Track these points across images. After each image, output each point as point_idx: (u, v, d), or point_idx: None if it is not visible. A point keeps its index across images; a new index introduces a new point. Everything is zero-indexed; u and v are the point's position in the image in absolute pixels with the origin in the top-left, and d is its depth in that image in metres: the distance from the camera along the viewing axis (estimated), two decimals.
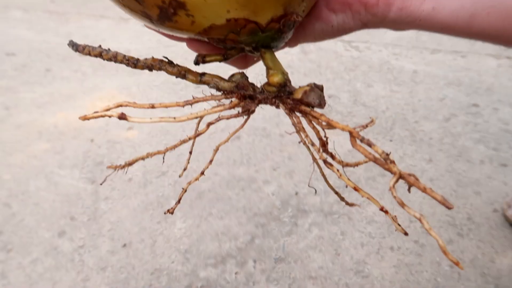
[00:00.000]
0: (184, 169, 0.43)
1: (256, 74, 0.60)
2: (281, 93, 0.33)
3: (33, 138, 1.14)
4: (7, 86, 1.40)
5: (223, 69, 0.38)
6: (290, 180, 0.98)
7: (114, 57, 0.34)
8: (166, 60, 0.33)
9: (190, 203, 0.91)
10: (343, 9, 0.33)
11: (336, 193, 0.38)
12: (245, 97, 0.34)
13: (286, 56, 1.61)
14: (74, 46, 0.35)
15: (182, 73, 0.33)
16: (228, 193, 0.95)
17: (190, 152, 0.42)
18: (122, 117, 0.32)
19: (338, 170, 0.33)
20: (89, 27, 1.92)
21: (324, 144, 0.35)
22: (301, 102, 0.33)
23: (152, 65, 0.33)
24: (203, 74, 0.34)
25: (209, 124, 0.35)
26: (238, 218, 0.88)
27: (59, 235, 0.85)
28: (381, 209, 0.32)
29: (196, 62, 0.35)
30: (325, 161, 0.33)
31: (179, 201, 0.39)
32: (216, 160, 1.04)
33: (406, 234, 0.32)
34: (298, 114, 0.34)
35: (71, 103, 1.30)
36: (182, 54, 1.02)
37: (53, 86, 1.40)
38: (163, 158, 0.40)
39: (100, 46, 0.34)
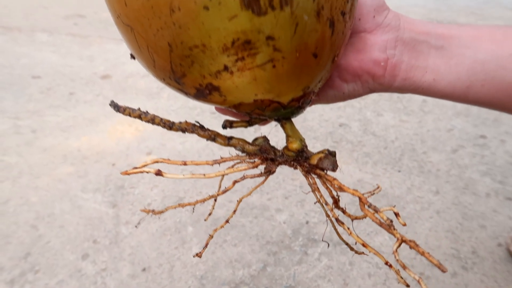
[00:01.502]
0: (210, 214, 0.48)
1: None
2: (298, 158, 0.38)
3: (58, 161, 1.20)
4: (34, 109, 1.47)
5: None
6: (301, 209, 1.03)
7: (152, 120, 0.39)
8: (198, 125, 0.38)
9: (206, 229, 0.96)
10: (354, 79, 0.38)
11: (347, 244, 0.42)
12: (267, 159, 0.40)
13: None
14: (116, 107, 0.40)
15: (212, 136, 0.39)
16: (242, 221, 0.99)
17: (215, 200, 0.47)
18: (159, 173, 0.38)
19: (348, 228, 0.38)
20: (110, 51, 2.01)
21: (336, 202, 0.40)
22: (316, 167, 0.38)
23: (185, 128, 0.38)
24: (231, 138, 0.39)
25: (234, 182, 0.40)
26: (251, 246, 0.93)
27: (83, 257, 0.90)
28: (386, 263, 0.37)
29: (224, 127, 0.41)
30: (337, 219, 0.38)
31: (206, 246, 0.44)
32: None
33: (407, 286, 0.37)
34: (313, 175, 0.39)
35: (94, 127, 1.37)
36: None
37: (76, 109, 1.48)
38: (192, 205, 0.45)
39: (139, 108, 0.39)
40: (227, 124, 0.41)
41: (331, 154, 0.38)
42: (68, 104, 1.52)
